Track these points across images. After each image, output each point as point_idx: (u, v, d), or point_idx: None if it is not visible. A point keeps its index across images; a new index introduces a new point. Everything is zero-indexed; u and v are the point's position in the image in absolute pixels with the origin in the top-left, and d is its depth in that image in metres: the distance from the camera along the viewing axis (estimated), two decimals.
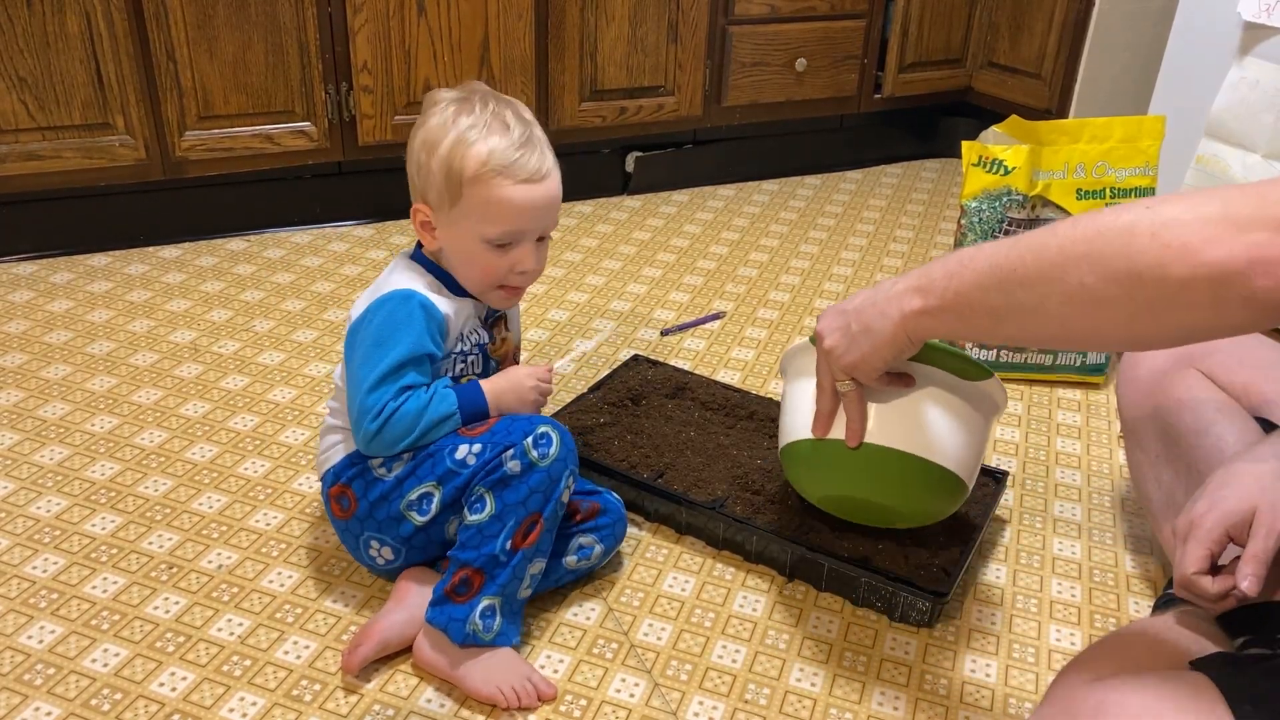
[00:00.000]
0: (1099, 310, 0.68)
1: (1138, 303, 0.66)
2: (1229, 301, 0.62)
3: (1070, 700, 0.77)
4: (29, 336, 1.62)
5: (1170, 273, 0.63)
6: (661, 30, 2.16)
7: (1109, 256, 0.66)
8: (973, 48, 2.50)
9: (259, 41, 1.85)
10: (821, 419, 1.00)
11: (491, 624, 1.01)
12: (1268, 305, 0.61)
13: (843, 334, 0.90)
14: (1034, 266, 0.71)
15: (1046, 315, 0.72)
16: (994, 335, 0.82)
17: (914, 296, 0.83)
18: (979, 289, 0.76)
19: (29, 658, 1.03)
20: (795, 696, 1.03)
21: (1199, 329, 0.67)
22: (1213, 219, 0.61)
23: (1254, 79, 1.67)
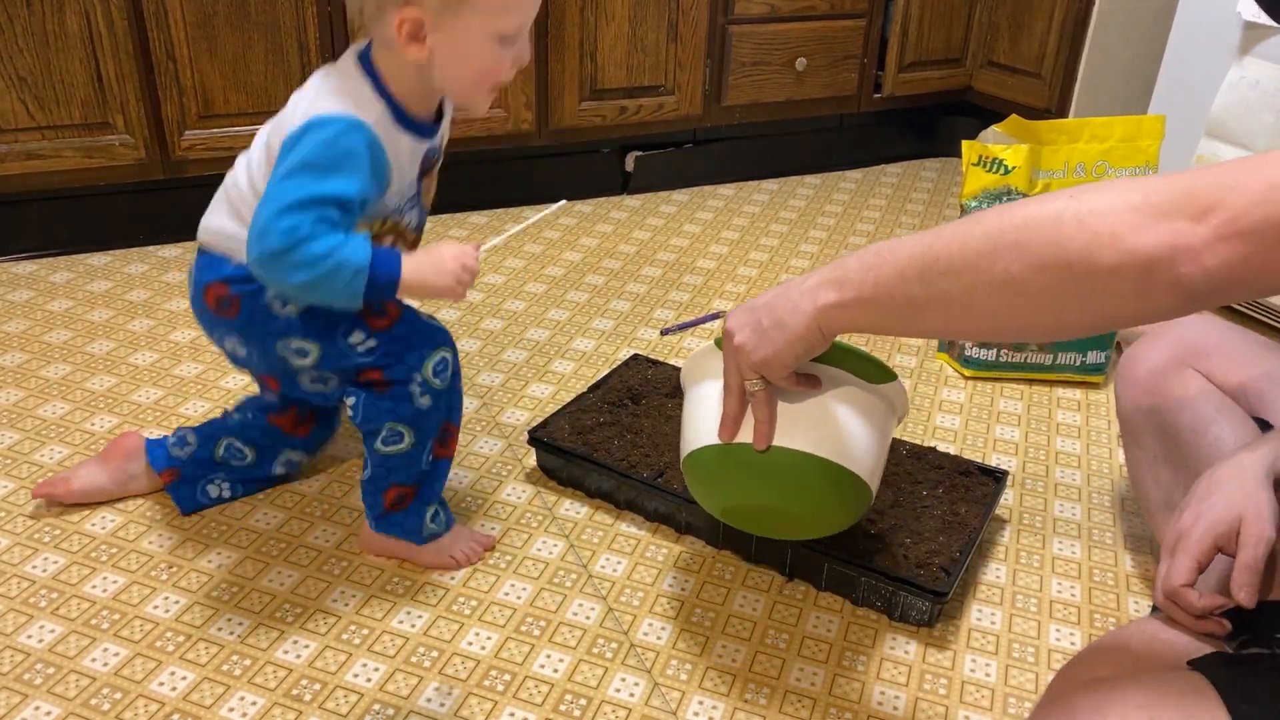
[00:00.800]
0: (1027, 299, 0.68)
1: (1066, 290, 0.66)
2: (1155, 288, 0.62)
3: (1069, 700, 0.77)
4: (29, 336, 1.62)
5: (1099, 260, 0.63)
6: (661, 30, 2.16)
7: (1037, 244, 0.66)
8: (972, 47, 2.50)
9: (259, 41, 1.85)
10: (728, 422, 0.95)
11: (440, 519, 1.17)
12: (1191, 292, 0.61)
13: (753, 330, 0.87)
14: (959, 256, 0.70)
15: (972, 305, 0.71)
16: (913, 327, 0.80)
17: (829, 290, 0.80)
18: (900, 280, 0.75)
19: (29, 657, 1.03)
20: (795, 696, 1.03)
21: (1126, 315, 0.67)
22: (1138, 207, 0.62)
23: (1254, 79, 1.67)
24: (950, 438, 1.48)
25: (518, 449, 1.40)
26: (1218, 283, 0.61)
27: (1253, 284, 0.62)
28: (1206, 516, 0.84)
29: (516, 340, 1.69)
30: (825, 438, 0.96)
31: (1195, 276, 0.61)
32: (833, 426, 0.96)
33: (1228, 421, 1.02)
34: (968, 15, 2.47)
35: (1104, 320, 0.69)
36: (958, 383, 1.63)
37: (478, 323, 1.74)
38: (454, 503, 1.28)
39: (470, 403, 1.50)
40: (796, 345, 0.84)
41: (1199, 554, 0.83)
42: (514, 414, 1.48)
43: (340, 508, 1.27)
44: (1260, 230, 0.59)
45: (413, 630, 1.09)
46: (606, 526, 1.26)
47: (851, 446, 0.97)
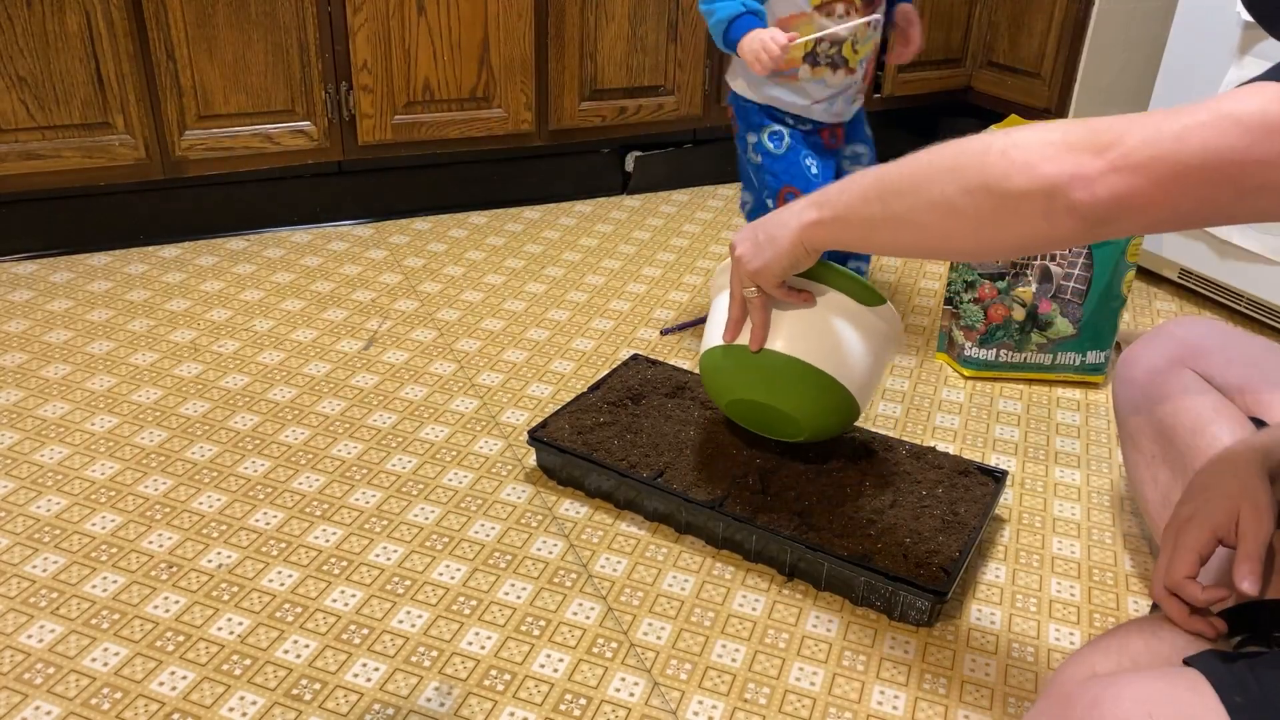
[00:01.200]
0: (953, 217, 0.77)
1: (984, 211, 0.74)
2: (1056, 212, 0.70)
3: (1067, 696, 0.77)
4: (29, 336, 1.62)
5: (1012, 184, 0.71)
6: (661, 29, 2.16)
7: (966, 169, 0.75)
8: (972, 47, 2.50)
9: (259, 41, 1.85)
10: (730, 325, 1.11)
11: None
12: (1087, 216, 0.69)
13: (751, 243, 1.01)
14: (906, 179, 0.81)
15: (911, 222, 0.81)
16: (873, 243, 0.90)
17: (811, 210, 0.92)
18: (862, 200, 0.86)
19: (29, 657, 1.03)
20: (795, 695, 1.03)
21: (1035, 236, 0.74)
22: (1053, 142, 0.70)
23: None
24: (950, 437, 1.48)
25: (518, 449, 1.40)
26: (1109, 210, 0.68)
27: (1141, 215, 0.68)
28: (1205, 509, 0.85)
29: (516, 340, 1.69)
30: (812, 345, 1.10)
31: (1089, 203, 0.68)
32: (819, 336, 1.11)
33: (1225, 422, 1.02)
34: (968, 15, 2.47)
35: (1018, 240, 0.75)
36: (957, 382, 1.63)
37: (477, 323, 1.74)
38: (454, 502, 1.29)
39: (470, 403, 1.50)
40: (784, 258, 0.97)
41: (1199, 546, 0.84)
42: (514, 414, 1.48)
43: (340, 507, 1.27)
44: (1148, 166, 0.66)
45: (413, 630, 1.09)
46: (606, 526, 1.26)
47: (836, 355, 1.11)
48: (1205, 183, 0.66)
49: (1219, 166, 0.66)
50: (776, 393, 1.14)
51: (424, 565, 1.18)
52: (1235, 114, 0.66)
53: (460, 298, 1.83)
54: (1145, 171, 0.67)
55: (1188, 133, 0.66)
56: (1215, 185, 0.66)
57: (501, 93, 2.06)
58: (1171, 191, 0.67)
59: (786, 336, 1.10)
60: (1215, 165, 0.66)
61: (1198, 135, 0.66)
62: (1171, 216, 0.69)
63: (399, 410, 1.48)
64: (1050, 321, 1.58)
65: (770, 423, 1.21)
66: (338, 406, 1.48)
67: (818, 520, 1.17)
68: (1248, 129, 0.65)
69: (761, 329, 1.09)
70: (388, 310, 1.77)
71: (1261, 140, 0.65)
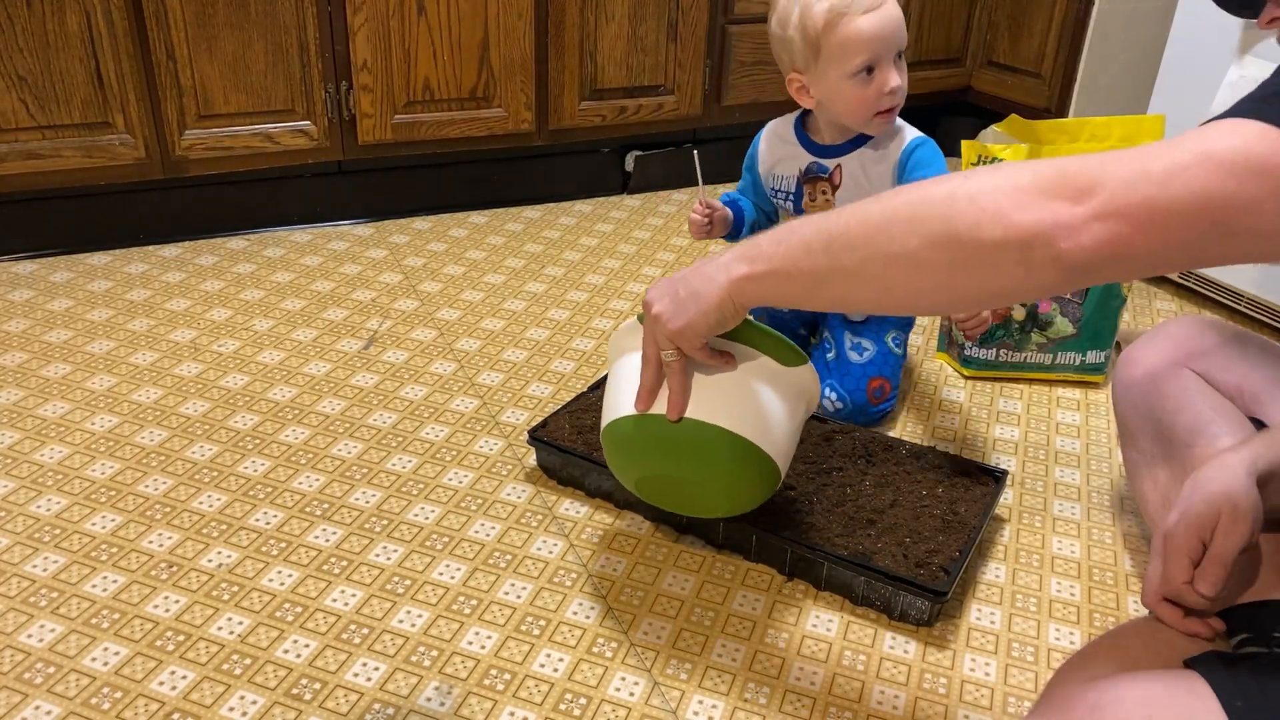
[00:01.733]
0: (919, 271, 0.72)
1: (955, 264, 0.69)
2: (1037, 262, 0.66)
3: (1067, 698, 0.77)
4: (29, 335, 1.62)
5: (984, 234, 0.67)
6: (661, 29, 2.16)
7: (929, 220, 0.70)
8: (972, 47, 2.50)
9: (259, 40, 1.85)
10: (644, 393, 0.99)
11: None
12: (1071, 267, 0.65)
13: (671, 300, 0.91)
14: (858, 231, 0.75)
15: (868, 277, 0.75)
16: (817, 298, 0.83)
17: (741, 263, 0.85)
18: (805, 252, 0.79)
19: (29, 656, 1.03)
20: (795, 695, 1.03)
21: (1011, 288, 0.70)
22: (1024, 188, 0.66)
23: (1253, 78, 1.66)
24: (950, 437, 1.48)
25: (518, 449, 1.40)
26: (1095, 259, 0.65)
27: (1128, 262, 0.66)
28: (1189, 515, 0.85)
29: (516, 340, 1.69)
30: (736, 413, 0.99)
31: (1074, 253, 0.65)
32: (744, 403, 1.00)
33: (1225, 422, 1.02)
34: (967, 15, 2.47)
35: (993, 293, 0.71)
36: (957, 382, 1.63)
37: (477, 322, 1.74)
38: (454, 502, 1.29)
39: (470, 402, 1.50)
40: (710, 315, 0.88)
41: (1188, 551, 0.84)
42: (514, 414, 1.48)
43: (340, 507, 1.27)
44: (1133, 212, 0.63)
45: (413, 630, 1.09)
46: (606, 526, 1.26)
47: (761, 423, 1.00)
48: (1192, 228, 0.64)
49: (1205, 211, 0.63)
50: (698, 465, 1.01)
51: (424, 565, 1.18)
52: (1218, 156, 0.63)
53: (460, 297, 1.83)
54: (1130, 218, 0.64)
55: (1171, 177, 0.64)
56: (1202, 230, 0.64)
57: (501, 92, 2.06)
58: (1158, 238, 0.64)
59: (710, 402, 0.98)
60: (1202, 210, 0.63)
61: (1182, 179, 0.63)
62: (1157, 262, 0.67)
63: (399, 410, 1.48)
64: (1050, 321, 1.58)
65: (686, 498, 1.08)
66: (338, 406, 1.48)
67: (817, 520, 1.17)
68: (1232, 172, 0.63)
69: (681, 395, 0.97)
70: (388, 310, 1.77)
71: (1246, 184, 0.63)
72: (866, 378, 1.45)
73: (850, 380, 1.45)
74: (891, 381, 1.48)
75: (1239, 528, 0.83)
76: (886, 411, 1.49)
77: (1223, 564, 0.82)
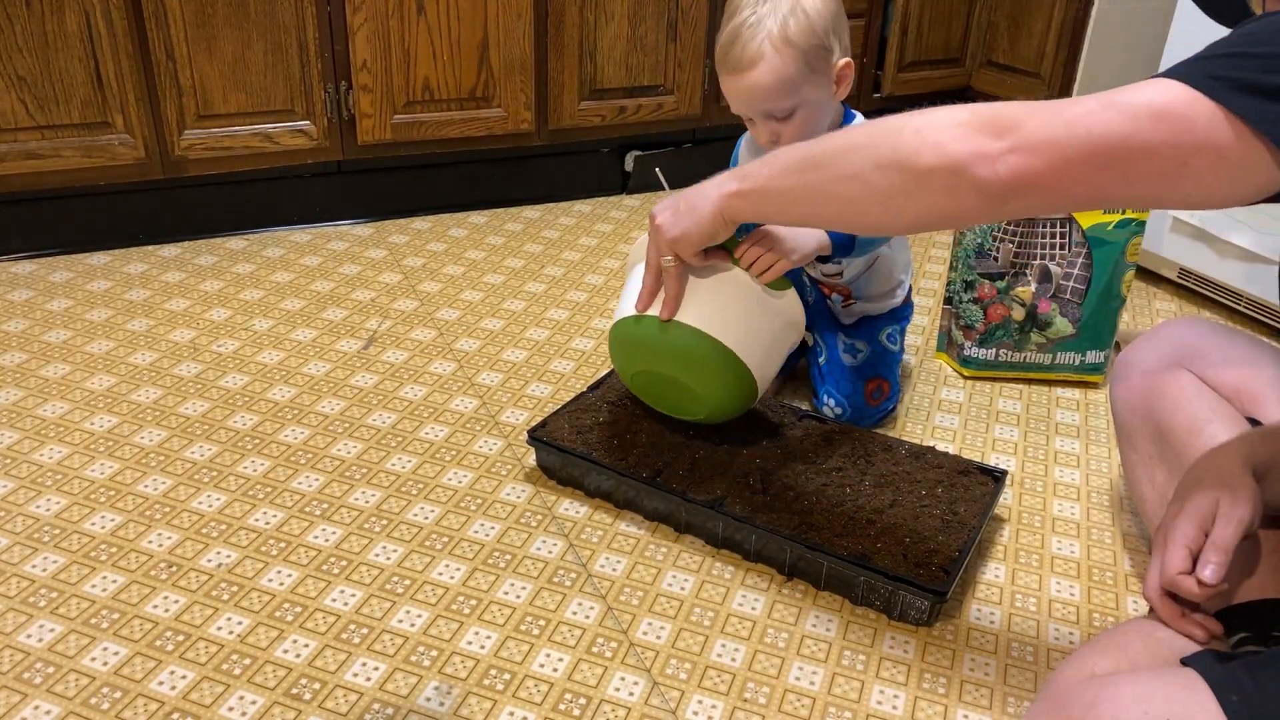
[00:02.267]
0: (865, 190, 0.81)
1: (894, 185, 0.78)
2: (961, 188, 0.74)
3: (1064, 695, 0.78)
4: (28, 335, 1.62)
5: (921, 161, 0.76)
6: (661, 29, 2.16)
7: (881, 145, 0.79)
8: (972, 47, 2.51)
9: (258, 40, 1.85)
10: (644, 295, 1.14)
11: None
12: (988, 193, 0.73)
13: (671, 213, 1.05)
14: (824, 154, 0.85)
15: (829, 194, 0.85)
16: (791, 214, 0.94)
17: (731, 181, 0.98)
18: (782, 173, 0.90)
19: (28, 656, 1.03)
20: (794, 695, 1.03)
21: (940, 210, 0.78)
22: (961, 123, 0.74)
23: None
24: (949, 437, 1.48)
25: (518, 449, 1.40)
26: (1007, 188, 0.73)
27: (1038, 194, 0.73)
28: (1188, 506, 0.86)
29: (516, 340, 1.69)
30: (720, 322, 1.14)
31: (990, 180, 0.73)
32: (729, 315, 1.14)
33: (1222, 422, 1.02)
34: (967, 15, 2.47)
35: (923, 213, 0.79)
36: (957, 382, 1.63)
37: (477, 322, 1.74)
38: (453, 502, 1.29)
39: (470, 402, 1.50)
40: (704, 226, 1.02)
41: (1187, 541, 0.85)
42: (514, 414, 1.48)
43: (340, 507, 1.27)
44: (1042, 147, 0.71)
45: (412, 629, 1.09)
46: (606, 526, 1.26)
47: (743, 336, 1.15)
48: (1093, 166, 0.71)
49: (1105, 150, 0.70)
50: (683, 366, 1.17)
51: (423, 565, 1.18)
52: (1123, 103, 0.70)
53: (460, 297, 1.83)
54: (1040, 153, 0.71)
55: (1078, 119, 0.71)
56: (1103, 169, 0.71)
57: (501, 92, 2.06)
58: (1064, 173, 0.71)
59: (697, 311, 1.13)
60: (1102, 149, 0.70)
61: (1086, 121, 0.70)
62: (1066, 198, 0.73)
63: (398, 410, 1.48)
64: (1050, 321, 1.58)
65: (673, 398, 1.24)
66: (337, 406, 1.48)
67: (818, 520, 1.17)
68: (1133, 116, 0.69)
69: (675, 299, 1.12)
70: (387, 310, 1.77)
71: (1144, 127, 0.69)
72: (862, 380, 1.45)
73: (846, 384, 1.45)
74: (889, 380, 1.47)
75: (1238, 513, 0.83)
76: (889, 410, 1.49)
77: (1223, 551, 0.82)
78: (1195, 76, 0.68)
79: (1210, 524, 0.84)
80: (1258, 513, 0.85)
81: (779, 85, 1.22)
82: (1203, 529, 0.85)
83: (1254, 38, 0.69)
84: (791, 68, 1.21)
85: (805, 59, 1.22)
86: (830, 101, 1.28)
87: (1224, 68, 0.68)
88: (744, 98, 1.24)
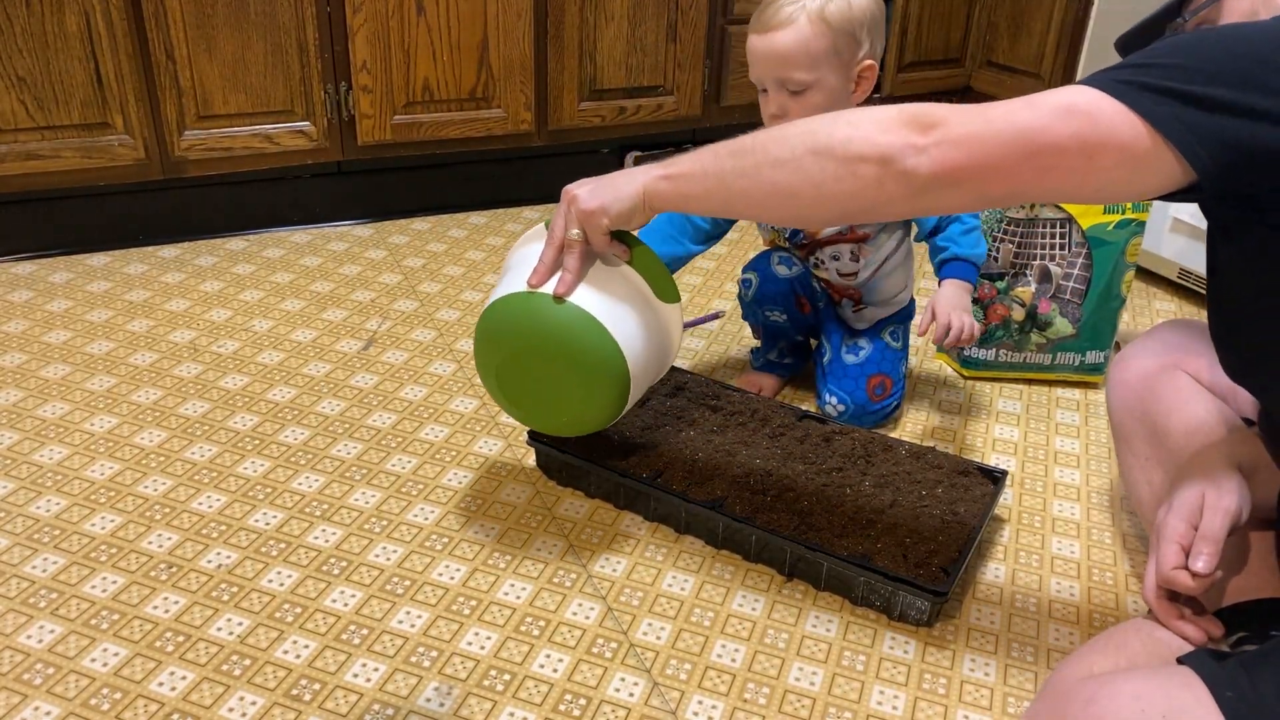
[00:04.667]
0: (798, 176, 0.84)
1: (826, 172, 0.82)
2: (888, 176, 0.79)
3: (1063, 694, 0.78)
4: (28, 336, 1.62)
5: (852, 149, 0.81)
6: (661, 30, 2.16)
7: (816, 134, 0.84)
8: (972, 47, 2.51)
9: (258, 41, 1.85)
10: (542, 269, 1.06)
11: None
12: (913, 182, 0.78)
13: (591, 187, 1.02)
14: (759, 142, 0.88)
15: (757, 179, 0.87)
16: (717, 199, 0.94)
17: (659, 168, 0.98)
18: (714, 158, 0.92)
19: (28, 657, 1.03)
20: (794, 695, 1.03)
21: (868, 198, 0.82)
22: (890, 118, 0.80)
23: None
24: (949, 437, 1.48)
25: (518, 449, 1.40)
26: (931, 179, 0.78)
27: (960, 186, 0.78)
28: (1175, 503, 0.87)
29: None
30: (613, 315, 1.07)
31: (915, 170, 0.78)
32: (622, 311, 1.08)
33: (1218, 423, 1.02)
34: (967, 15, 2.47)
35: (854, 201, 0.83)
36: (957, 383, 1.63)
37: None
38: (453, 503, 1.29)
39: (470, 403, 1.50)
40: (624, 203, 0.99)
41: (1178, 537, 0.86)
42: None
43: (340, 508, 1.27)
44: (964, 141, 0.77)
45: (412, 630, 1.09)
46: (606, 526, 1.26)
47: (632, 337, 1.08)
48: (1010, 160, 0.76)
49: (1019, 145, 0.75)
50: (564, 354, 1.07)
51: (424, 565, 1.18)
52: (1038, 102, 0.76)
53: (460, 298, 1.83)
54: (962, 147, 0.77)
55: (998, 117, 0.77)
56: (1018, 163, 0.76)
57: (501, 93, 2.06)
58: (984, 166, 0.77)
59: (591, 297, 1.06)
60: (1016, 144, 0.75)
61: (1004, 119, 0.76)
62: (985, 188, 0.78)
63: (399, 410, 1.48)
64: (1050, 321, 1.58)
65: (535, 397, 1.13)
66: (337, 407, 1.48)
67: (818, 520, 1.17)
68: (1050, 113, 0.75)
69: (575, 276, 1.05)
70: (387, 310, 1.77)
71: (1054, 123, 0.74)
72: (864, 376, 1.45)
73: (848, 381, 1.45)
74: (892, 377, 1.48)
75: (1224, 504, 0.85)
76: (891, 408, 1.49)
77: (1213, 541, 0.83)
78: (1104, 82, 0.75)
79: (1199, 518, 0.85)
80: (1245, 504, 0.85)
81: (801, 54, 1.24)
82: (1191, 524, 0.85)
83: (1156, 52, 0.76)
84: (817, 42, 1.24)
85: (834, 40, 1.25)
86: (846, 97, 1.30)
87: (1130, 75, 0.74)
88: (764, 58, 1.26)
